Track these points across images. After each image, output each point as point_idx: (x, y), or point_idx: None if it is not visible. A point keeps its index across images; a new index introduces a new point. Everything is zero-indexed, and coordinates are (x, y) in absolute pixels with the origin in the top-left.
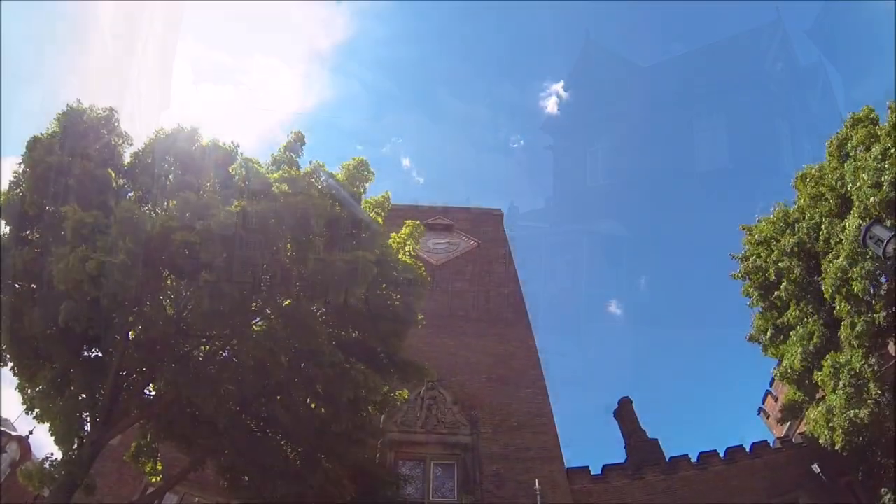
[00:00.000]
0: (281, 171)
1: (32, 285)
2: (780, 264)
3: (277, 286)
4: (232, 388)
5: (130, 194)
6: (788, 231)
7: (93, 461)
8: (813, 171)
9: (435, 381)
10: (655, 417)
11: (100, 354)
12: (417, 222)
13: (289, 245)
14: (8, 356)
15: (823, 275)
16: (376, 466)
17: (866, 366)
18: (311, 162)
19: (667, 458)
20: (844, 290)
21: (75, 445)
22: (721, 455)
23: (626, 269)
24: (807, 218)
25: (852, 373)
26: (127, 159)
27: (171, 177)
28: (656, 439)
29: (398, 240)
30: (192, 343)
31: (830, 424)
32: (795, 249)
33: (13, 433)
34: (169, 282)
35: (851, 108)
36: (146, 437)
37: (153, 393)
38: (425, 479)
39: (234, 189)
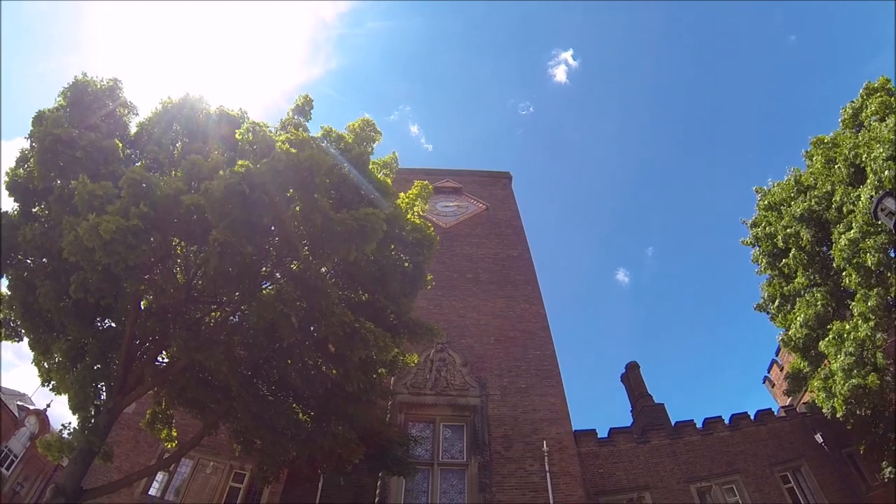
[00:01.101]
0: (288, 134)
1: (43, 259)
2: (789, 230)
3: (286, 247)
4: (243, 353)
5: (138, 164)
6: (800, 197)
7: (109, 429)
8: (827, 138)
9: (444, 342)
10: (662, 383)
11: (113, 325)
12: (426, 182)
13: (297, 208)
14: (22, 331)
15: (834, 244)
16: (386, 428)
17: (873, 337)
18: (321, 127)
19: (672, 423)
20: (855, 261)
21: (92, 414)
22: (726, 421)
23: (633, 239)
24: (819, 185)
25: (857, 341)
26: (133, 129)
27: (178, 145)
28: (662, 404)
29: (406, 200)
30: (202, 309)
31: (831, 391)
32: (806, 216)
33: (31, 407)
34: (179, 249)
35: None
36: (160, 403)
37: (166, 360)
38: (434, 440)
39: (241, 153)
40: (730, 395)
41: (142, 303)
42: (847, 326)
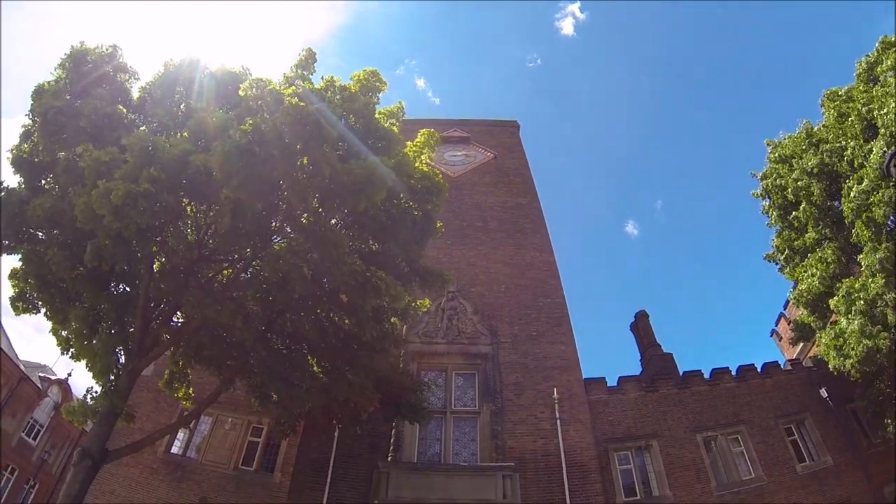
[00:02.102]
0: (293, 87)
1: (55, 231)
2: (799, 183)
3: (295, 201)
4: (256, 309)
5: (143, 128)
6: (811, 150)
7: (130, 390)
8: (841, 92)
9: (455, 291)
10: (670, 333)
11: (127, 289)
12: (432, 130)
13: (305, 160)
14: (39, 302)
15: (844, 198)
16: (399, 376)
17: (885, 295)
18: (322, 78)
19: (680, 373)
20: (865, 215)
21: (112, 378)
22: (733, 373)
23: (642, 191)
24: (831, 139)
25: (867, 300)
26: (136, 94)
27: (182, 107)
28: (671, 354)
29: (414, 149)
30: (214, 268)
31: (842, 350)
32: (817, 170)
33: (53, 377)
34: (189, 210)
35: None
36: (177, 363)
37: (181, 321)
38: (447, 388)
39: (247, 109)
40: (737, 347)
41: (154, 265)
42: (857, 285)
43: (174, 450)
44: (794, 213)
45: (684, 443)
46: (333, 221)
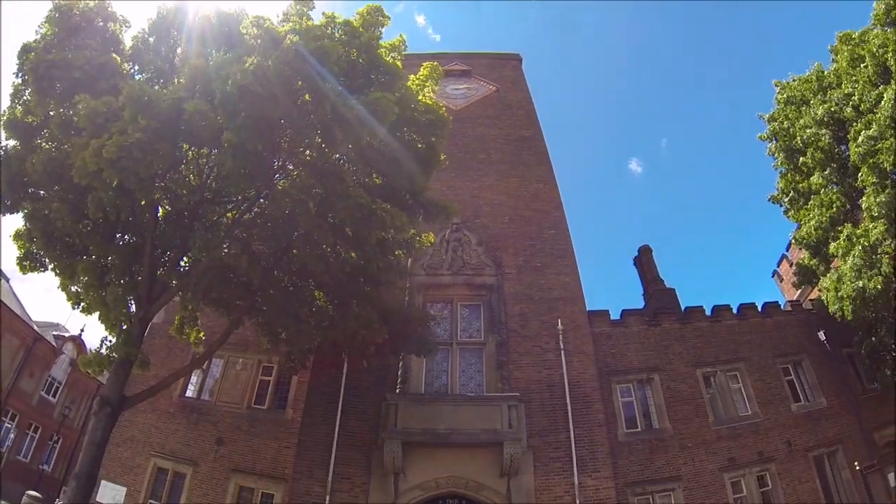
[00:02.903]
0: (292, 24)
1: (56, 187)
2: (808, 131)
3: (298, 138)
4: (262, 248)
5: (139, 76)
6: (820, 96)
7: (142, 338)
8: (855, 35)
9: (459, 223)
10: (673, 269)
11: (133, 239)
12: (436, 63)
13: (307, 96)
14: (46, 259)
15: (851, 142)
16: (406, 308)
17: (883, 242)
18: (323, 14)
19: (682, 308)
20: (871, 160)
21: (124, 326)
22: (734, 310)
23: (647, 129)
24: (843, 85)
25: (866, 245)
26: (129, 43)
27: (178, 51)
28: (673, 289)
29: (417, 82)
30: (218, 211)
31: (840, 293)
32: (826, 119)
33: (66, 334)
34: (190, 154)
35: None
36: (187, 308)
37: (188, 265)
38: (453, 319)
39: (246, 49)
40: (738, 286)
41: (159, 212)
42: (858, 230)
43: (189, 393)
44: (800, 158)
45: (685, 377)
46: (336, 157)
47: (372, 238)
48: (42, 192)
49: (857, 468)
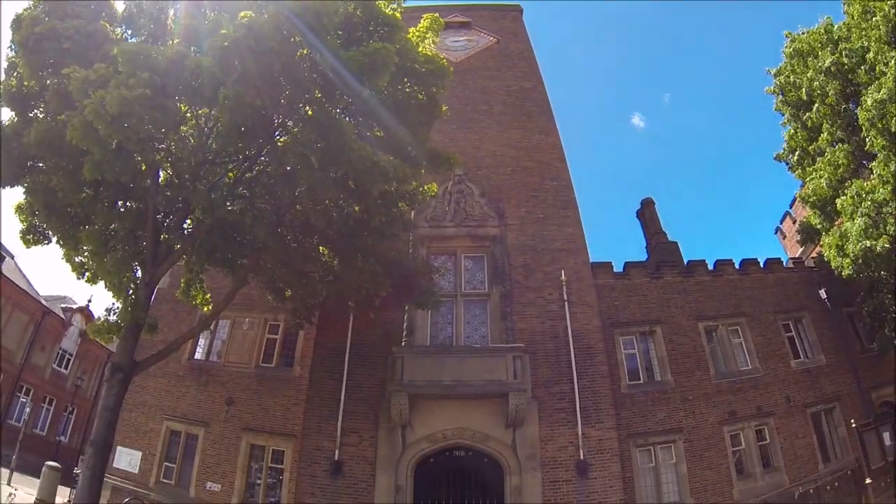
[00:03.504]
0: None
1: (54, 158)
2: (814, 83)
3: (298, 93)
4: (265, 206)
5: (133, 40)
6: (829, 49)
7: (149, 302)
8: None
9: (461, 174)
10: (675, 223)
11: (135, 205)
12: (436, 15)
13: (305, 50)
14: (49, 232)
15: (861, 105)
16: (409, 261)
17: (892, 202)
18: None
19: (685, 261)
20: (881, 124)
21: (130, 292)
22: (736, 265)
23: (650, 84)
24: (853, 38)
25: (874, 203)
26: (121, 8)
27: (171, 13)
28: (676, 242)
29: (417, 34)
30: (219, 172)
31: (843, 251)
32: (833, 69)
33: (74, 306)
34: (189, 114)
35: None
36: (192, 270)
37: (191, 228)
38: (456, 271)
39: (240, 6)
40: (741, 241)
41: (160, 177)
42: (867, 186)
43: (197, 356)
44: (807, 113)
45: (686, 330)
46: (337, 112)
47: (375, 191)
48: (41, 164)
49: (854, 426)
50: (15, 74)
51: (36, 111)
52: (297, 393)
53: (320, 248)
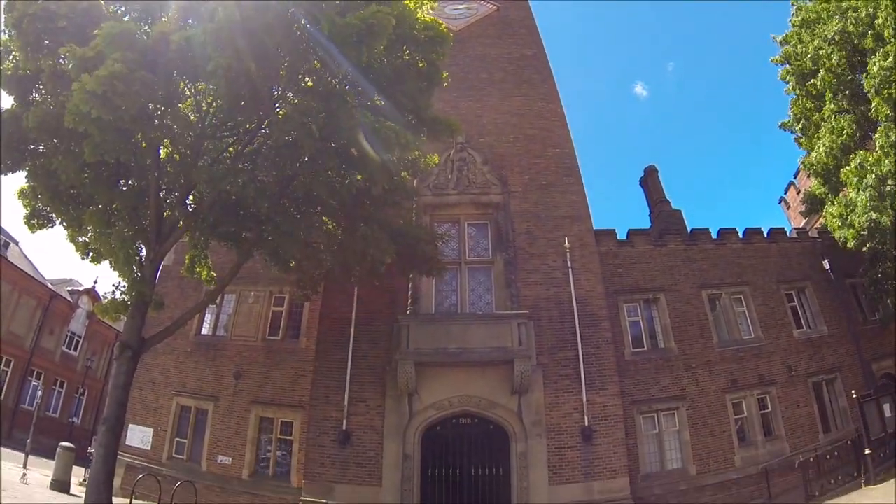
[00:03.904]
0: None
1: (55, 140)
2: (820, 52)
3: (296, 62)
4: (267, 179)
5: (127, 17)
6: (837, 17)
7: (155, 278)
8: None
9: (463, 142)
10: (679, 192)
11: (137, 183)
12: None
13: (302, 21)
14: (53, 214)
15: (867, 73)
16: (413, 228)
17: (894, 174)
18: None
19: (688, 230)
20: (886, 92)
21: (136, 269)
22: (740, 234)
23: (653, 52)
24: (861, 5)
25: (879, 174)
26: None
27: None
28: (679, 210)
29: (415, 1)
30: (219, 146)
31: (847, 221)
32: (838, 38)
33: (80, 288)
34: (187, 91)
35: None
36: (196, 246)
37: (193, 203)
38: (460, 239)
39: None
40: (745, 211)
41: (161, 154)
42: (871, 158)
43: (204, 331)
44: (812, 80)
45: (690, 298)
46: (336, 81)
47: (377, 159)
48: (41, 147)
49: (854, 396)
50: (11, 58)
51: (34, 94)
52: (303, 364)
53: (324, 218)
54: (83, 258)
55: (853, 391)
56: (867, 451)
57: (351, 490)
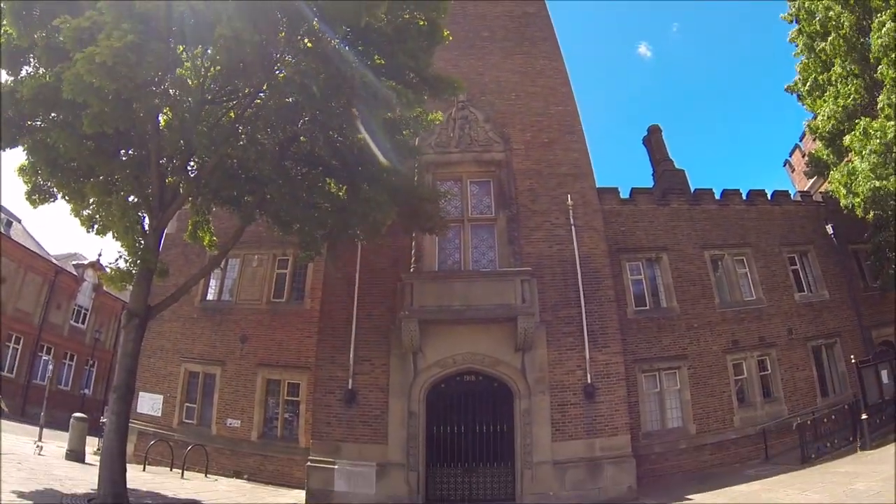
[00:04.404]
0: None
1: (51, 114)
2: (830, 13)
3: (296, 26)
4: (268, 141)
5: None
6: None
7: (159, 246)
8: None
9: (465, 101)
10: (682, 152)
11: (137, 151)
12: None
13: None
14: (54, 189)
15: (874, 32)
16: (416, 187)
17: None
18: None
19: (692, 190)
20: (894, 54)
21: (139, 238)
22: (743, 196)
23: (656, 12)
24: None
25: (883, 142)
26: None
27: None
28: (683, 170)
29: None
30: (219, 112)
31: (851, 188)
32: (852, 1)
33: (85, 262)
34: (184, 56)
35: None
36: (199, 212)
37: (195, 169)
38: (463, 197)
39: None
40: (748, 173)
41: (161, 121)
42: (875, 125)
43: (209, 297)
44: (821, 43)
45: (692, 258)
46: (336, 42)
47: (378, 117)
48: (38, 121)
49: (853, 361)
50: (3, 32)
51: (26, 68)
52: (309, 325)
53: (326, 178)
54: (88, 231)
55: (852, 357)
56: (864, 417)
57: (358, 448)
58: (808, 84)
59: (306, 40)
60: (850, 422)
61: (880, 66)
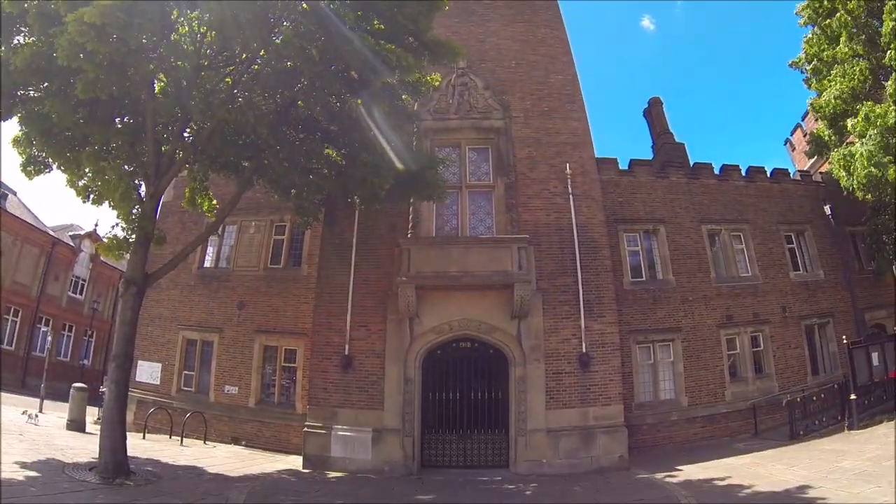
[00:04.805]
0: None
1: (44, 84)
2: None
3: None
4: (265, 106)
5: None
6: None
7: (156, 213)
8: None
9: (465, 67)
10: (683, 126)
11: (132, 119)
12: None
13: None
14: (49, 159)
15: (887, 15)
16: (414, 152)
17: None
18: None
19: (691, 163)
20: None
21: (137, 206)
22: (743, 172)
23: None
24: None
25: (885, 127)
26: None
27: None
28: (683, 143)
29: None
30: (217, 76)
31: (850, 171)
32: None
33: (82, 232)
34: (180, 20)
35: None
36: (196, 179)
37: (192, 135)
38: (461, 163)
39: None
40: (749, 150)
41: (156, 88)
42: (878, 110)
43: (206, 264)
44: (829, 20)
45: (690, 232)
46: (335, 6)
47: (377, 81)
48: (31, 91)
49: (845, 342)
50: None
51: (18, 38)
52: (306, 291)
53: (324, 144)
54: (84, 201)
55: (844, 337)
56: (853, 397)
57: (354, 414)
58: (813, 62)
59: (304, 3)
60: (839, 401)
61: (890, 49)
